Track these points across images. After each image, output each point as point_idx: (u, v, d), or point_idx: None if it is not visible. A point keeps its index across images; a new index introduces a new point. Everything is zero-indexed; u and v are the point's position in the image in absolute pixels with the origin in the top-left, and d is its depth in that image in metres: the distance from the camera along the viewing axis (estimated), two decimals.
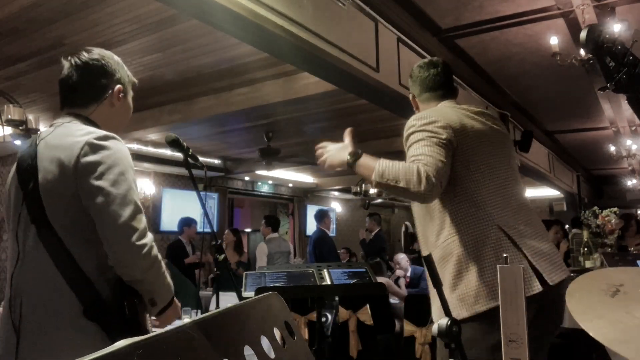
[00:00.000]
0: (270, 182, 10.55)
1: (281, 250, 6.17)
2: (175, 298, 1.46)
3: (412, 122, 1.64)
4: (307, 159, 7.62)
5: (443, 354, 1.48)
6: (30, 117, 4.18)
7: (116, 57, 1.54)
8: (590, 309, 0.89)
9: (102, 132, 1.36)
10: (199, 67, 4.39)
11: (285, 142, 6.80)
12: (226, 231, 6.37)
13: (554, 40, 3.85)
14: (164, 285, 1.38)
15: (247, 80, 4.71)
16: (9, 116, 3.97)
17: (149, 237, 1.32)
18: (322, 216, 7.00)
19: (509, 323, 0.80)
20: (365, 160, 1.60)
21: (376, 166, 1.52)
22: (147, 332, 1.33)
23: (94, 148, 1.31)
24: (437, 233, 1.62)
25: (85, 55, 1.47)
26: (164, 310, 1.41)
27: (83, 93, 1.47)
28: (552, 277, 1.53)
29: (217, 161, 8.44)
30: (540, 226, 1.68)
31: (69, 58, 1.48)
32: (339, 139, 1.73)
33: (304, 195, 11.52)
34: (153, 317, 1.42)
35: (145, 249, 1.29)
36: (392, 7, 3.87)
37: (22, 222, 1.36)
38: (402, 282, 5.41)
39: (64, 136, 1.36)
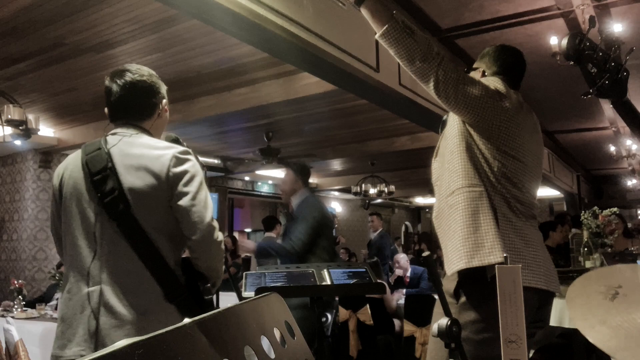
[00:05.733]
0: (270, 182, 10.55)
1: None
2: None
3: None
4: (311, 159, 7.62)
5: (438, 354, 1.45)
6: (30, 117, 4.17)
7: (153, 72, 1.72)
8: (591, 314, 0.88)
9: (181, 147, 1.61)
10: (199, 67, 4.39)
11: (285, 142, 6.80)
12: (225, 236, 6.45)
13: (554, 40, 3.85)
14: (222, 273, 1.66)
15: (247, 80, 4.71)
16: (9, 116, 3.96)
17: (221, 235, 1.59)
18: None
19: (508, 323, 0.80)
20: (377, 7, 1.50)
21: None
22: (215, 309, 1.55)
23: (180, 161, 1.56)
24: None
25: (130, 75, 1.64)
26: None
27: (138, 110, 1.66)
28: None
29: (217, 161, 8.44)
30: None
31: (115, 79, 1.63)
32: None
33: None
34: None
35: (222, 244, 1.58)
36: (392, 7, 3.86)
37: (92, 219, 1.53)
38: (395, 276, 5.44)
39: (142, 147, 1.57)
